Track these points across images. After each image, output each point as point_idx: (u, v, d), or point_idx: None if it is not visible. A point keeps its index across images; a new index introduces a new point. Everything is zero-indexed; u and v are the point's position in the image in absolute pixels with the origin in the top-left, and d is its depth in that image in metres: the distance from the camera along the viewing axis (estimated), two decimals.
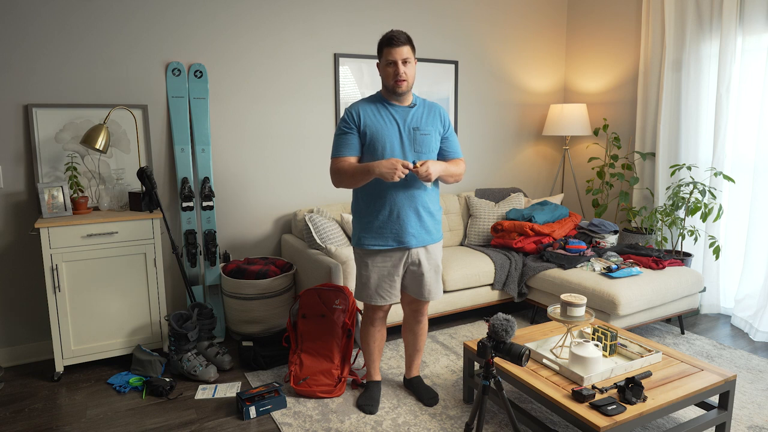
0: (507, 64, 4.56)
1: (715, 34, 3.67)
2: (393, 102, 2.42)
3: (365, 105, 2.43)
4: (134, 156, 3.29)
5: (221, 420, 2.53)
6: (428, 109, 2.48)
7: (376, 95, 2.47)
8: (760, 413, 2.55)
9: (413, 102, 2.45)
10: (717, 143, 3.65)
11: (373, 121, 2.38)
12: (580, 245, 3.58)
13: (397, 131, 2.39)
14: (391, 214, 2.40)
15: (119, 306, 3.01)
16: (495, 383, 1.93)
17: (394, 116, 2.40)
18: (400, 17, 4.01)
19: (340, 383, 2.75)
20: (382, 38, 2.35)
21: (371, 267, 2.46)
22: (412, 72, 2.36)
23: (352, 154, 2.39)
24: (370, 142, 2.37)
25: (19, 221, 3.08)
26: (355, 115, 2.39)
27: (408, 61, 2.33)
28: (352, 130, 2.38)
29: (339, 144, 2.40)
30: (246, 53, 3.53)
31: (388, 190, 2.38)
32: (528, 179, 4.86)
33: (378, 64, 2.40)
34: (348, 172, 2.35)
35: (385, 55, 2.32)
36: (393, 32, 2.32)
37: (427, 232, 2.47)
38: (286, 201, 3.81)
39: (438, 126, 2.48)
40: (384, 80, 2.39)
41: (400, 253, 2.46)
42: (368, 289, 2.49)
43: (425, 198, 2.44)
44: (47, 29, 3.01)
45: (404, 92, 2.38)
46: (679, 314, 3.41)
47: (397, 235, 2.41)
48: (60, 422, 2.53)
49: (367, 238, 2.44)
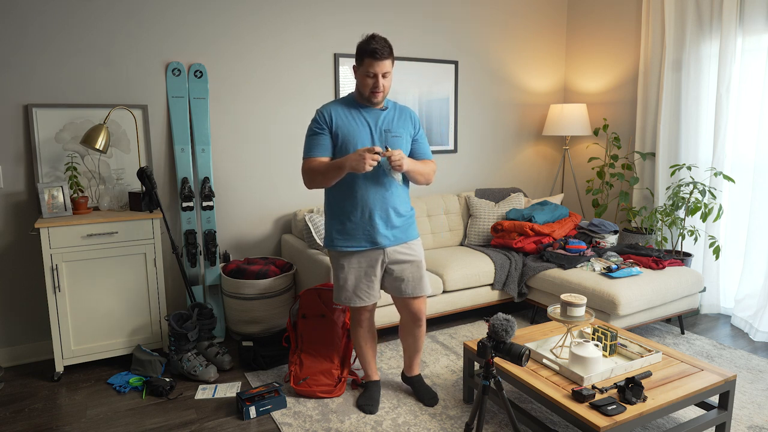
0: (507, 64, 4.56)
1: (715, 34, 3.67)
2: (365, 105, 2.43)
3: (337, 106, 2.43)
4: (134, 156, 3.29)
5: (221, 420, 2.53)
6: (399, 112, 2.49)
7: (348, 98, 2.47)
8: (760, 413, 2.55)
9: (385, 105, 2.47)
10: (717, 143, 3.65)
11: (344, 122, 2.39)
12: (580, 245, 3.58)
13: (368, 133, 2.40)
14: (363, 215, 2.40)
15: (119, 306, 3.01)
16: (495, 383, 1.93)
17: (365, 118, 2.41)
18: (400, 17, 4.01)
19: (340, 383, 2.75)
20: (363, 46, 2.30)
21: (347, 268, 2.47)
22: (389, 83, 2.37)
23: (323, 155, 2.39)
24: (342, 144, 2.38)
25: (19, 221, 3.08)
26: (327, 116, 2.39)
27: (387, 74, 2.33)
28: (324, 131, 2.39)
29: (310, 144, 2.40)
30: (246, 53, 3.53)
31: (360, 190, 2.38)
32: (528, 179, 4.86)
33: (354, 67, 2.39)
34: (319, 171, 2.35)
35: (366, 65, 2.30)
36: (376, 43, 2.28)
37: (400, 231, 2.48)
38: (286, 201, 3.81)
39: (409, 128, 2.49)
40: (360, 88, 2.38)
41: (375, 253, 2.46)
42: (346, 291, 2.49)
43: (395, 200, 2.45)
44: (47, 29, 3.01)
45: (379, 102, 2.41)
46: (679, 314, 3.41)
47: (370, 235, 2.42)
48: (60, 422, 2.53)
49: (339, 239, 2.44)
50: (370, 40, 2.29)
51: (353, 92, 2.47)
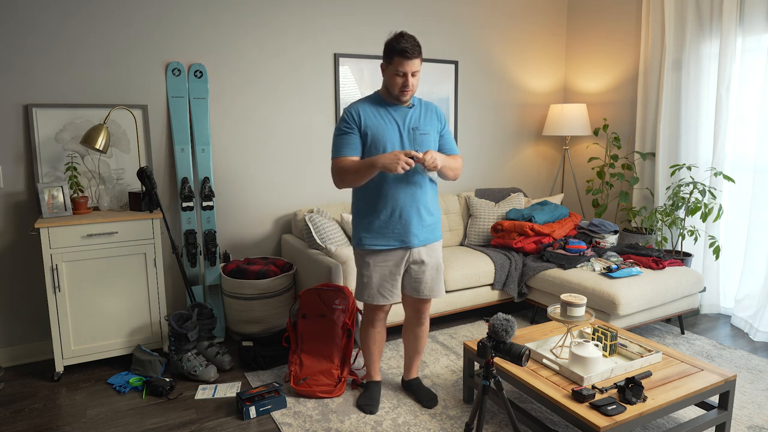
0: (507, 64, 4.56)
1: (715, 34, 3.67)
2: (392, 103, 2.42)
3: (365, 105, 2.42)
4: (134, 156, 3.29)
5: (221, 420, 2.53)
6: (425, 109, 2.48)
7: (375, 96, 2.46)
8: (760, 413, 2.55)
9: (411, 103, 2.46)
10: (717, 143, 3.65)
11: (373, 121, 2.38)
12: (580, 245, 3.58)
13: (397, 131, 2.39)
14: (393, 213, 2.40)
15: (119, 306, 3.01)
16: (495, 383, 1.93)
17: (393, 117, 2.41)
18: (400, 17, 4.01)
19: (340, 383, 2.75)
20: (393, 44, 2.28)
21: (373, 266, 2.46)
22: (417, 82, 2.37)
23: (354, 154, 2.38)
24: (372, 143, 2.37)
25: (19, 221, 3.08)
26: (356, 115, 2.38)
27: (416, 72, 2.33)
28: (353, 130, 2.38)
29: (340, 144, 2.38)
30: (246, 53, 3.53)
31: (390, 189, 2.38)
32: (528, 179, 4.86)
33: (383, 65, 2.38)
34: (351, 170, 2.33)
35: (396, 64, 2.29)
36: (406, 42, 2.26)
37: (429, 231, 2.48)
38: (286, 201, 3.81)
39: (436, 124, 2.49)
40: (389, 86, 2.37)
41: (402, 252, 2.46)
42: (370, 289, 2.48)
43: (426, 198, 2.45)
44: (48, 29, 3.01)
45: (407, 100, 2.40)
46: (679, 314, 3.41)
47: (400, 234, 2.42)
48: (60, 422, 2.53)
49: (368, 238, 2.43)
50: (400, 39, 2.27)
51: (379, 90, 2.46)
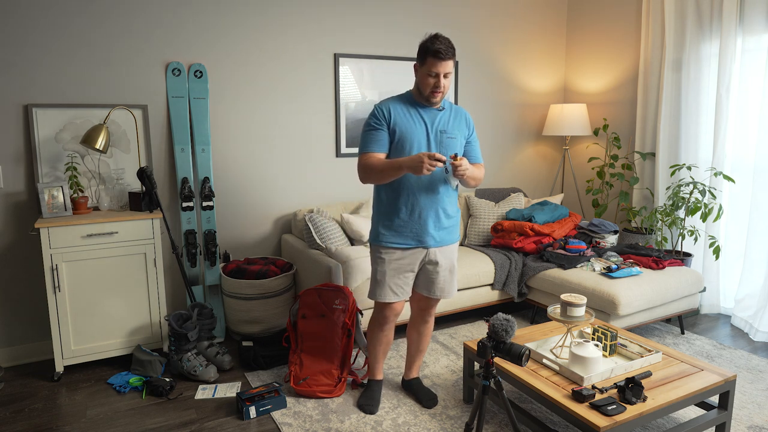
0: (507, 64, 4.56)
1: (715, 34, 3.67)
2: (423, 104, 2.42)
3: (395, 103, 2.42)
4: (134, 156, 3.29)
5: (221, 420, 2.53)
6: (455, 114, 2.49)
7: (406, 95, 2.46)
8: (760, 413, 2.55)
9: (442, 106, 2.46)
10: (717, 143, 3.65)
11: (402, 120, 2.38)
12: (580, 245, 3.58)
13: (424, 132, 2.39)
14: (412, 213, 2.40)
15: (119, 306, 3.01)
16: (495, 383, 1.93)
17: (422, 117, 2.41)
18: (400, 18, 4.01)
19: (340, 383, 2.75)
20: (427, 45, 2.28)
21: (387, 262, 2.45)
22: (449, 84, 2.36)
23: (381, 150, 2.38)
24: (399, 141, 2.37)
25: (19, 221, 3.08)
26: (386, 112, 2.39)
27: (449, 74, 2.33)
28: (382, 127, 2.38)
29: (368, 140, 2.39)
30: (246, 53, 3.53)
31: (413, 189, 2.38)
32: (528, 179, 4.86)
33: (416, 66, 2.38)
34: (377, 168, 2.33)
35: (429, 65, 2.29)
36: (440, 43, 2.26)
37: (447, 233, 2.49)
38: (286, 201, 3.81)
39: (464, 130, 2.49)
40: (421, 87, 2.37)
41: (419, 252, 2.46)
42: (383, 287, 2.47)
43: (446, 200, 2.46)
44: (48, 29, 3.01)
45: (438, 101, 2.40)
46: (679, 314, 3.41)
47: (418, 234, 2.42)
48: (60, 422, 2.53)
49: (386, 235, 2.44)
50: (434, 40, 2.27)
51: (411, 90, 2.46)
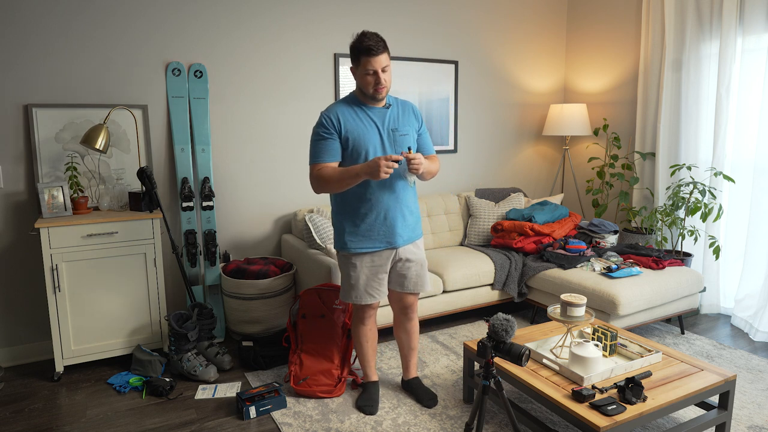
0: (507, 64, 4.56)
1: (715, 34, 3.67)
2: (369, 104, 2.40)
3: (342, 108, 2.39)
4: (134, 156, 3.29)
5: (221, 420, 2.53)
6: (402, 108, 2.48)
7: (350, 97, 2.43)
8: (760, 413, 2.55)
9: (387, 102, 2.44)
10: (717, 143, 3.65)
11: (353, 125, 2.35)
12: (580, 245, 3.58)
13: (377, 134, 2.38)
14: (378, 216, 2.40)
15: (119, 306, 3.01)
16: (495, 383, 1.93)
17: (372, 118, 2.39)
18: (400, 17, 4.01)
19: (340, 383, 2.75)
20: (357, 45, 2.27)
21: (360, 268, 2.46)
22: (390, 77, 2.35)
23: (334, 160, 2.35)
24: (354, 148, 2.35)
25: (19, 221, 3.08)
26: (334, 120, 2.35)
27: (386, 67, 2.30)
28: (332, 136, 2.34)
29: (319, 150, 2.35)
30: (246, 53, 3.53)
31: (375, 193, 2.38)
32: (528, 179, 4.86)
33: (352, 69, 2.36)
34: (333, 178, 2.30)
35: (364, 64, 2.27)
36: (369, 40, 2.25)
37: (412, 230, 2.51)
38: (286, 201, 3.81)
39: (414, 124, 2.49)
40: (362, 87, 2.35)
41: (389, 253, 2.48)
42: (357, 290, 2.48)
43: (408, 198, 2.48)
44: (48, 30, 3.01)
45: (384, 97, 2.39)
46: (679, 314, 3.41)
47: (386, 236, 2.43)
48: (60, 422, 2.53)
49: (354, 241, 2.43)
50: (363, 38, 2.26)
51: (354, 92, 2.44)
